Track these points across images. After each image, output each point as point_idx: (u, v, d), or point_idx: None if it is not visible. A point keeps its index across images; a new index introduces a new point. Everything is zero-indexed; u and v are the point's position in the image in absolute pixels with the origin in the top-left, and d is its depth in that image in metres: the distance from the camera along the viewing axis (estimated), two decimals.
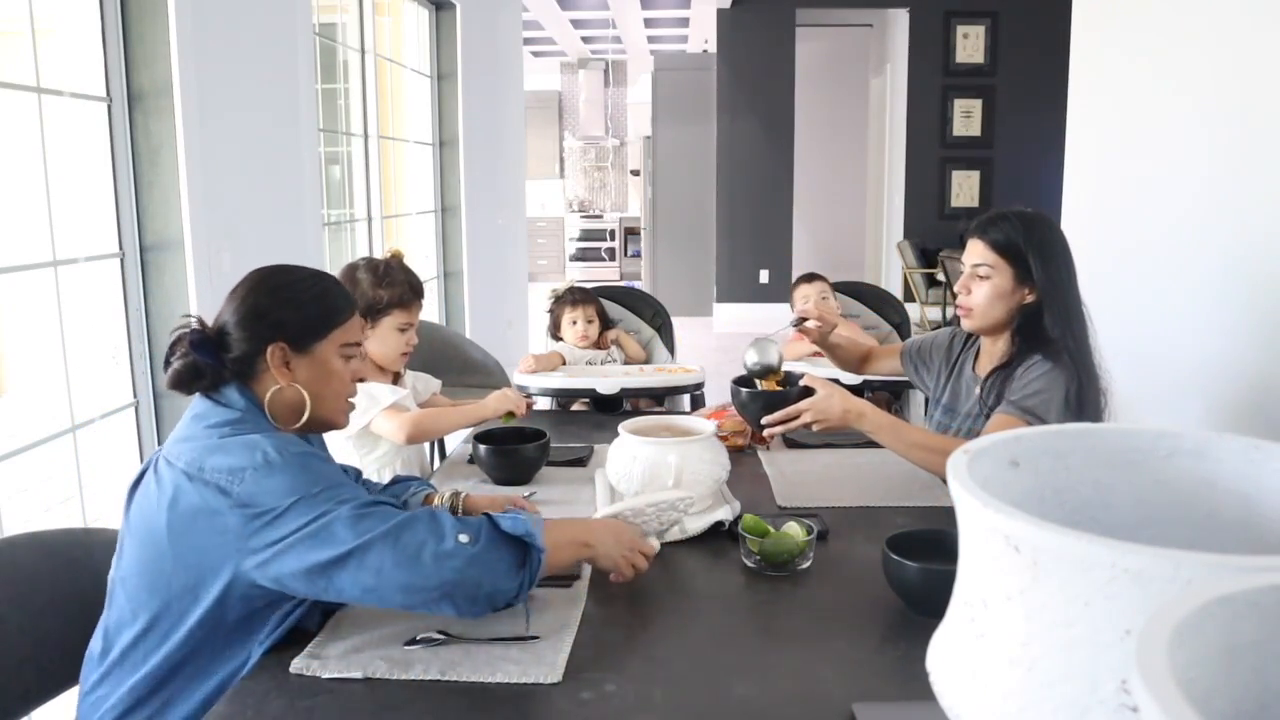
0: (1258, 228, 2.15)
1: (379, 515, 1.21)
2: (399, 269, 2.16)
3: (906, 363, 2.14)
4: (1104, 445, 0.75)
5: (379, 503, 1.24)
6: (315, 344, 1.37)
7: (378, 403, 2.06)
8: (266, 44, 2.94)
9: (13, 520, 2.16)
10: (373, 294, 2.12)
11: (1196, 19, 2.40)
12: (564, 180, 12.58)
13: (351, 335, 1.42)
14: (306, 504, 1.20)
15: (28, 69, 2.20)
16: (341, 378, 1.40)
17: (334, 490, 1.22)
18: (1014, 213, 1.83)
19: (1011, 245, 1.79)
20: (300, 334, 1.36)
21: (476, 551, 1.20)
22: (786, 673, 1.21)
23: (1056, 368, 1.74)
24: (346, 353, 1.41)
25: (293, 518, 1.19)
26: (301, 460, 1.24)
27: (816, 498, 1.86)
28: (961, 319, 1.89)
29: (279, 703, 1.14)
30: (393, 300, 2.12)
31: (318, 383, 1.37)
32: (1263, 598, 0.48)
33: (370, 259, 2.19)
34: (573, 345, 3.10)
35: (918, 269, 7.78)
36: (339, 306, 1.40)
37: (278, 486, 1.20)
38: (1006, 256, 1.80)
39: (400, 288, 2.13)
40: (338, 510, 1.19)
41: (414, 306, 2.16)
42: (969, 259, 1.85)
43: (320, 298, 1.39)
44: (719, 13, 7.97)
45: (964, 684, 0.64)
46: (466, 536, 1.20)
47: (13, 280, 2.32)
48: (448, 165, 5.05)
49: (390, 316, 2.13)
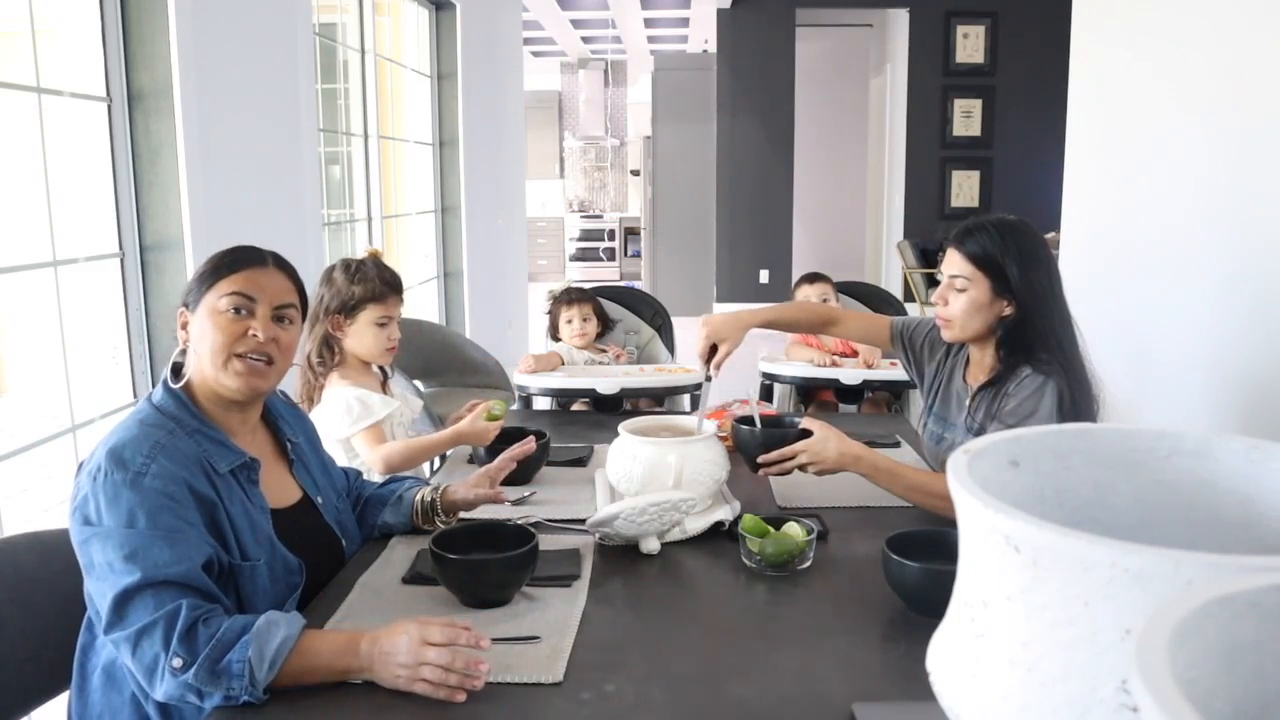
0: (1258, 227, 2.15)
1: (141, 605, 1.17)
2: (373, 265, 2.19)
3: (896, 340, 2.08)
4: (1104, 445, 0.75)
5: (165, 581, 1.18)
6: (201, 298, 1.38)
7: (371, 414, 2.08)
8: (266, 44, 2.94)
9: (13, 520, 2.15)
10: (347, 291, 2.14)
11: (1196, 19, 2.40)
12: (564, 180, 12.58)
13: (235, 285, 1.37)
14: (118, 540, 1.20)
15: (28, 69, 2.20)
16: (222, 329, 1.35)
17: (141, 552, 1.20)
18: (992, 222, 1.78)
19: (988, 257, 1.75)
20: (191, 291, 1.39)
21: (185, 679, 1.14)
22: (786, 673, 1.21)
23: (1046, 382, 1.71)
24: (225, 304, 1.36)
25: (102, 544, 1.21)
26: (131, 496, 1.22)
27: (816, 498, 1.86)
28: (942, 331, 1.85)
29: (279, 703, 1.14)
30: (365, 295, 2.14)
31: (197, 338, 1.37)
32: (1263, 598, 0.48)
33: (347, 259, 2.22)
34: (569, 345, 3.10)
35: (918, 269, 7.77)
36: (232, 260, 1.40)
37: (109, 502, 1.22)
38: (983, 268, 1.75)
39: (372, 283, 2.15)
40: (125, 579, 1.18)
41: (390, 301, 2.17)
42: (947, 269, 1.81)
43: (218, 255, 1.41)
44: (719, 13, 7.97)
45: (964, 684, 0.64)
46: (180, 661, 1.15)
47: (13, 280, 2.32)
48: (448, 165, 5.05)
49: (366, 311, 2.14)
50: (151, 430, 1.29)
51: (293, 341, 1.44)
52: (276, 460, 1.50)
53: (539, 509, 1.80)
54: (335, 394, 2.11)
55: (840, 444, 1.74)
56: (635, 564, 1.56)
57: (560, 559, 1.53)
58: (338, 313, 2.14)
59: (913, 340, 2.06)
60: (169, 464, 1.26)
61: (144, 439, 1.27)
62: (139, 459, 1.24)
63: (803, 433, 1.78)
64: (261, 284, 1.40)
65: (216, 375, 1.36)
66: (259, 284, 1.40)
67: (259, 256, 1.43)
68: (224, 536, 1.30)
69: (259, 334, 1.37)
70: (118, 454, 1.24)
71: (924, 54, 7.82)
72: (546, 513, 1.78)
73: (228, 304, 1.37)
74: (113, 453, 1.25)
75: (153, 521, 1.21)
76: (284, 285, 1.43)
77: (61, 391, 2.35)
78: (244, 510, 1.34)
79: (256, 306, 1.38)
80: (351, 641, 1.17)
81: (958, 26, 7.74)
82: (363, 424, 2.07)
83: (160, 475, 1.24)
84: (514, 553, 1.37)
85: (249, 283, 1.39)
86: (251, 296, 1.38)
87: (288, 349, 1.42)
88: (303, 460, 1.55)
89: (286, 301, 1.43)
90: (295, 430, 1.56)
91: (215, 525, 1.29)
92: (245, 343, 1.36)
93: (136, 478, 1.22)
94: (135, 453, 1.25)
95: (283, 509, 1.44)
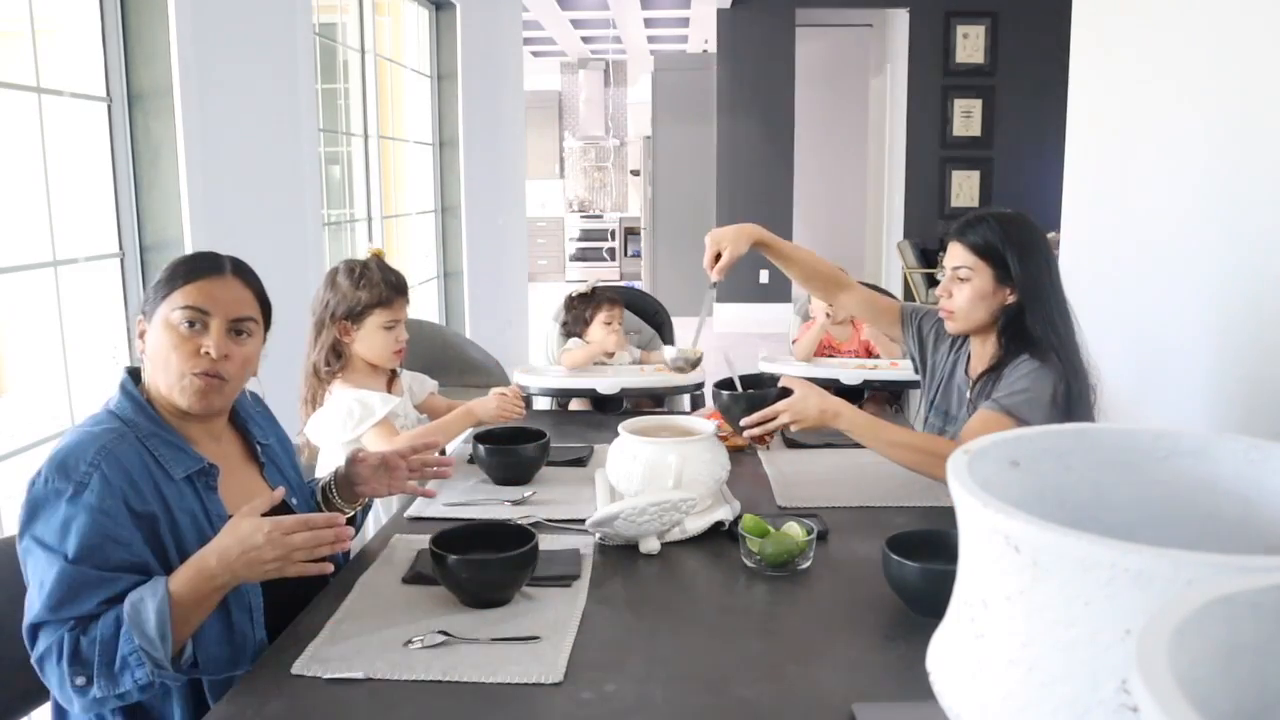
0: (1258, 227, 2.15)
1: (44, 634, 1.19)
2: (377, 268, 2.14)
3: (906, 325, 2.11)
4: (1104, 445, 0.75)
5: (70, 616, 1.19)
6: (156, 309, 1.35)
7: (372, 414, 2.05)
8: (266, 44, 2.94)
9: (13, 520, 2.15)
10: (351, 296, 2.11)
11: (1196, 19, 2.40)
12: (564, 180, 12.58)
13: (188, 299, 1.33)
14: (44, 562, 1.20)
15: (28, 69, 2.20)
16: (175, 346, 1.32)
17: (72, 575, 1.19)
18: (992, 214, 1.86)
19: (990, 247, 1.81)
20: (148, 301, 1.37)
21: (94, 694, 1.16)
22: (786, 673, 1.21)
23: (1044, 367, 1.76)
24: (178, 318, 1.33)
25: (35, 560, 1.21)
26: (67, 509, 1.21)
27: (816, 498, 1.86)
28: (946, 322, 1.91)
29: (279, 703, 1.14)
30: (371, 301, 2.10)
31: (152, 351, 1.35)
32: (1263, 598, 0.48)
33: (350, 261, 2.17)
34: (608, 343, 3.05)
35: (918, 269, 7.77)
36: (187, 269, 1.36)
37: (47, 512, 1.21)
38: (985, 258, 1.82)
39: (378, 287, 2.11)
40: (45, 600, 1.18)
41: (396, 304, 2.14)
42: (949, 262, 1.88)
43: (175, 264, 1.38)
44: (719, 13, 7.96)
45: (964, 684, 0.64)
46: (82, 679, 1.16)
47: (13, 280, 2.32)
48: (448, 165, 5.05)
49: (373, 316, 2.11)
50: (99, 435, 1.27)
51: (250, 354, 1.40)
52: (246, 464, 1.48)
53: (539, 509, 1.80)
54: (334, 398, 2.09)
55: (821, 401, 1.79)
56: (635, 564, 1.56)
57: (560, 559, 1.53)
58: (344, 318, 2.11)
59: (922, 327, 2.09)
60: (111, 474, 1.23)
61: (89, 444, 1.25)
62: (82, 467, 1.22)
63: (783, 392, 1.82)
64: (217, 296, 1.35)
65: (169, 391, 1.34)
66: (214, 296, 1.35)
67: (216, 264, 1.39)
68: (164, 549, 1.27)
69: (211, 351, 1.33)
70: (60, 462, 1.23)
71: (924, 54, 7.81)
72: (546, 513, 1.78)
73: (180, 317, 1.33)
74: (57, 461, 1.24)
75: (83, 550, 1.19)
76: (242, 296, 1.39)
77: (61, 391, 2.35)
78: (193, 521, 1.31)
79: (211, 320, 1.34)
80: (202, 572, 1.21)
81: (958, 26, 7.73)
82: (367, 424, 2.04)
83: (98, 490, 1.22)
84: (514, 553, 1.37)
85: (203, 295, 1.34)
86: (205, 310, 1.34)
87: (244, 363, 1.39)
88: (274, 462, 1.52)
89: (244, 314, 1.38)
90: (266, 432, 1.54)
91: (155, 538, 1.27)
92: (198, 361, 1.32)
93: (76, 491, 1.21)
94: (79, 460, 1.23)
95: None
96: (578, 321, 3.12)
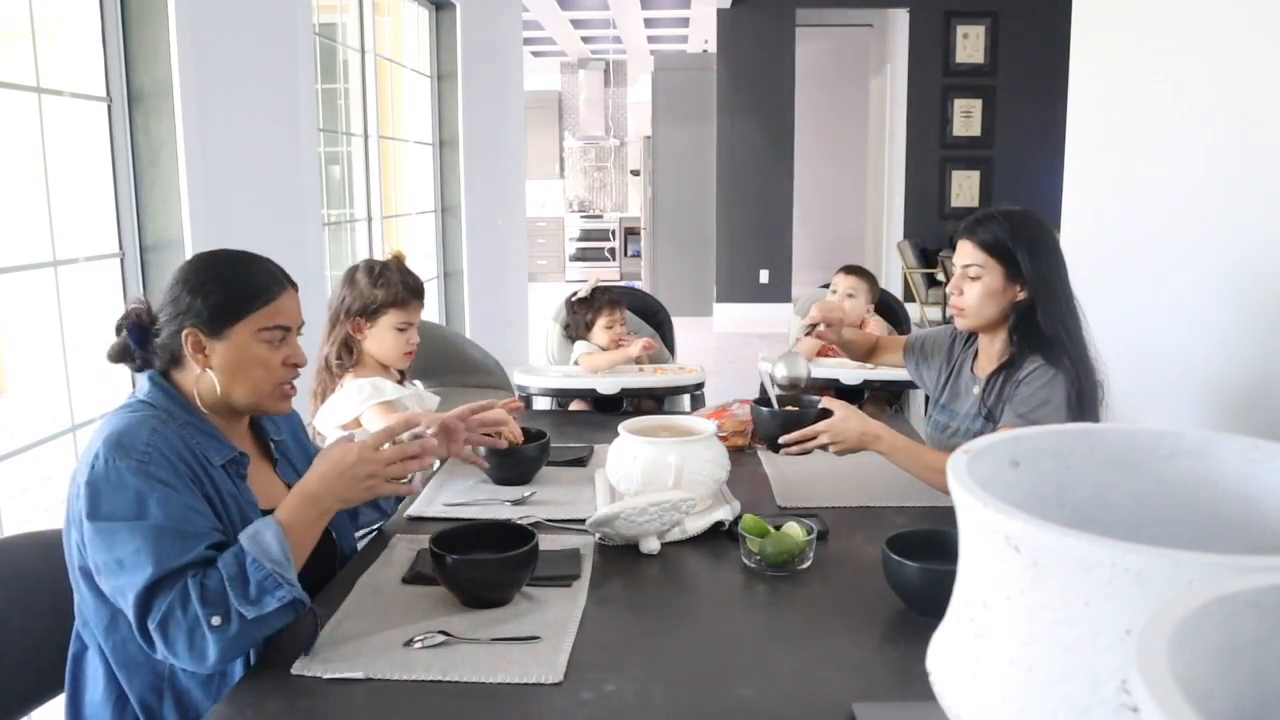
0: (1257, 226, 2.15)
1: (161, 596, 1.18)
2: (396, 270, 2.18)
3: (909, 357, 2.16)
4: (1104, 445, 0.75)
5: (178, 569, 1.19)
6: (229, 329, 1.36)
7: (380, 393, 2.09)
8: (266, 44, 2.94)
9: (13, 520, 2.16)
10: (368, 294, 2.15)
11: (1196, 19, 2.40)
12: (564, 180, 12.58)
13: (274, 319, 1.38)
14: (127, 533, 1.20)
15: (28, 69, 2.20)
16: (264, 363, 1.37)
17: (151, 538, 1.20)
18: (1001, 212, 1.87)
19: (1000, 244, 1.82)
20: (213, 319, 1.36)
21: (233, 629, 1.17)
22: (786, 673, 1.21)
23: (1058, 373, 1.76)
24: (266, 337, 1.37)
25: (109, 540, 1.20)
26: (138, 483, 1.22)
27: (816, 498, 1.86)
28: (956, 319, 1.92)
29: (279, 703, 1.14)
30: (387, 300, 2.15)
31: (233, 367, 1.36)
32: (1263, 598, 0.48)
33: (370, 260, 2.22)
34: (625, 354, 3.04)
35: (918, 269, 7.78)
36: (256, 290, 1.38)
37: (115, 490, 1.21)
38: (995, 255, 1.83)
39: (395, 288, 2.15)
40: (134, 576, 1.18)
41: (411, 306, 2.18)
42: (959, 260, 1.89)
43: (235, 282, 1.38)
44: (719, 13, 7.97)
45: (964, 684, 0.64)
46: (218, 619, 1.17)
47: (13, 280, 2.32)
48: (448, 165, 5.05)
49: (387, 316, 2.15)
50: (146, 419, 1.29)
51: None
52: (260, 460, 1.50)
53: (539, 509, 1.80)
54: (347, 384, 2.13)
55: (862, 424, 1.79)
56: (635, 564, 1.56)
57: (560, 559, 1.53)
58: (359, 315, 2.14)
59: (923, 349, 2.14)
60: (168, 451, 1.26)
61: (140, 425, 1.27)
62: (140, 445, 1.24)
63: (823, 412, 1.82)
64: (293, 310, 1.43)
65: (261, 399, 1.39)
66: (291, 312, 1.42)
67: (286, 281, 1.43)
68: (223, 523, 1.30)
69: (298, 360, 1.42)
70: (118, 442, 1.24)
71: (924, 54, 7.81)
72: (546, 513, 1.78)
73: (272, 335, 1.38)
74: (111, 443, 1.24)
75: (162, 509, 1.21)
76: (298, 302, 1.45)
77: (61, 391, 2.35)
78: (236, 504, 1.35)
79: (289, 332, 1.42)
80: (306, 497, 1.29)
81: (958, 26, 7.74)
82: (374, 400, 2.08)
83: (162, 463, 1.24)
84: (514, 553, 1.37)
85: (286, 313, 1.41)
86: (289, 326, 1.41)
87: None
88: (287, 457, 1.55)
89: (303, 320, 1.46)
90: (279, 428, 1.57)
91: (214, 512, 1.30)
92: (288, 371, 1.41)
93: (141, 464, 1.22)
94: (135, 440, 1.24)
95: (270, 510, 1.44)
96: (579, 325, 3.10)
